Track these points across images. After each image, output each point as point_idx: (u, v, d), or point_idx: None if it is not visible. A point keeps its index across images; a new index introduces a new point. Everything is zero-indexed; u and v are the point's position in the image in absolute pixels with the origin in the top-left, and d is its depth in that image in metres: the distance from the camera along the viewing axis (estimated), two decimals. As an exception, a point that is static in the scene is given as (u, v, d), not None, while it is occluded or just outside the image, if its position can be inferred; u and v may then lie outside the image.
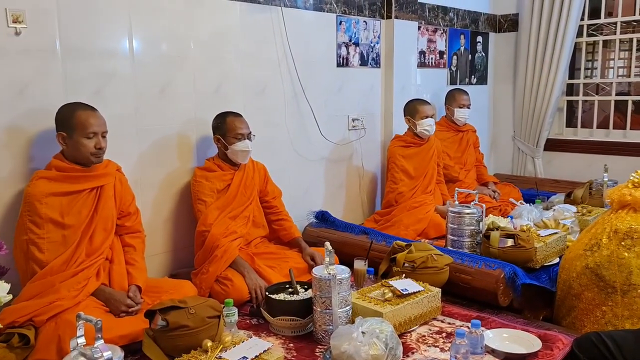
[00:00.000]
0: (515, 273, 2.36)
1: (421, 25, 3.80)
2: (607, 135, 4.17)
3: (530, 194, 3.82)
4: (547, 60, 4.11)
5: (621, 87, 4.30)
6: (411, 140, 3.41)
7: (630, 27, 4.12)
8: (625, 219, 2.29)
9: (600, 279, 2.30)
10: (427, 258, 2.36)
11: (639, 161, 3.71)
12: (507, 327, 2.08)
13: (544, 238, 2.69)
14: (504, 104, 4.57)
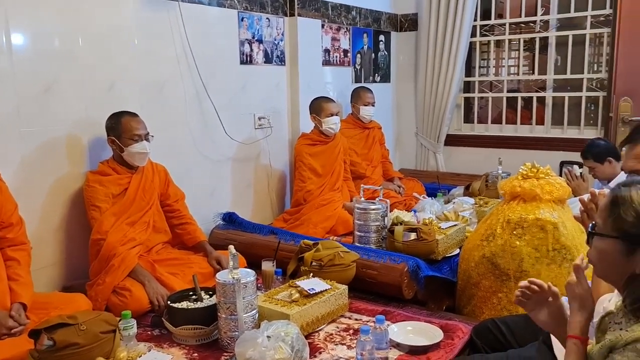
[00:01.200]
0: (419, 266, 2.43)
1: (325, 24, 3.82)
2: (501, 130, 4.43)
3: (432, 188, 3.97)
4: (444, 59, 4.29)
5: (512, 85, 4.58)
6: (317, 138, 3.42)
7: (518, 29, 4.40)
8: (516, 210, 2.43)
9: (496, 267, 2.42)
10: (334, 256, 2.37)
11: (529, 154, 3.95)
12: (411, 320, 2.13)
13: (445, 230, 2.80)
14: (407, 102, 4.72)
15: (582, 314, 1.23)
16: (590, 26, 3.88)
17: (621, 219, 1.11)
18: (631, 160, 1.60)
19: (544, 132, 4.21)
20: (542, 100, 4.23)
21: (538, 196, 2.40)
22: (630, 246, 1.10)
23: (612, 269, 1.15)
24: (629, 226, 1.09)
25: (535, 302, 1.32)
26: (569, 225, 2.32)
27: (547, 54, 4.13)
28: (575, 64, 4.01)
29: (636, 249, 1.09)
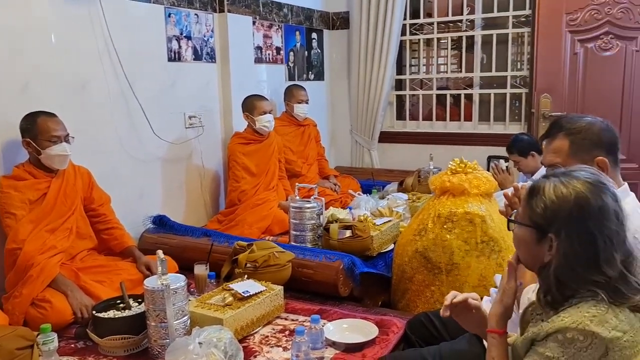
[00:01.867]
0: (354, 263, 2.44)
1: (256, 21, 3.77)
2: (432, 126, 4.54)
3: (367, 185, 4.01)
4: (376, 57, 4.34)
5: (441, 82, 4.70)
6: (251, 137, 3.36)
7: (446, 28, 4.52)
8: (446, 204, 2.48)
9: (428, 261, 2.47)
10: (268, 256, 2.33)
11: (459, 149, 4.07)
12: (347, 317, 2.14)
13: (380, 226, 2.82)
14: (341, 99, 4.74)
15: (501, 307, 1.26)
16: (512, 26, 4.04)
17: (532, 208, 1.15)
18: (549, 155, 1.66)
19: (472, 128, 4.35)
20: (469, 97, 4.37)
21: (466, 190, 2.47)
22: (540, 235, 1.14)
23: (529, 256, 1.19)
24: (538, 217, 1.13)
25: (459, 310, 1.36)
26: (495, 217, 2.40)
27: (474, 52, 4.27)
28: (500, 62, 4.17)
29: (543, 238, 1.13)
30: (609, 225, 1.08)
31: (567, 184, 1.12)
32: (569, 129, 1.63)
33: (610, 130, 1.62)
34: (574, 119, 1.65)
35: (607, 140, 1.60)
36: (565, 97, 3.61)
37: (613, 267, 1.08)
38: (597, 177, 1.14)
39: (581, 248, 1.08)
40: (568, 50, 3.58)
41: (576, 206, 1.08)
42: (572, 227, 1.08)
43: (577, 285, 1.09)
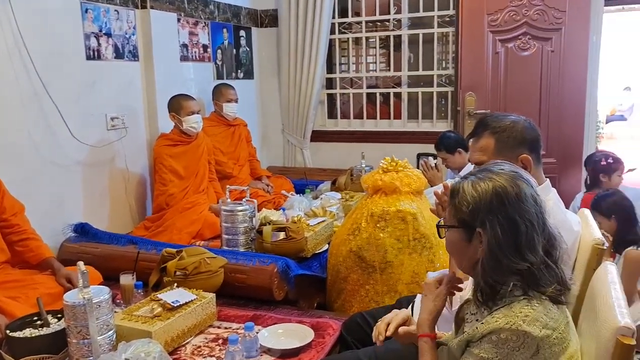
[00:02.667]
0: (288, 266, 2.40)
1: (181, 18, 3.64)
2: (363, 125, 4.58)
3: (301, 184, 3.98)
4: (306, 56, 4.32)
5: (371, 81, 4.75)
6: (178, 138, 3.24)
7: (374, 27, 4.57)
8: (379, 203, 2.50)
9: (362, 260, 2.47)
10: (199, 263, 2.25)
11: (390, 147, 4.12)
12: (282, 322, 2.09)
13: (313, 227, 2.80)
14: (272, 98, 4.68)
15: (432, 312, 1.29)
16: (437, 26, 4.14)
17: (457, 208, 1.18)
18: (476, 153, 1.70)
19: (402, 126, 4.43)
20: (398, 95, 4.44)
21: (398, 189, 2.49)
22: (468, 233, 1.16)
23: (464, 258, 1.20)
24: (464, 214, 1.16)
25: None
26: (426, 214, 2.44)
27: (401, 51, 4.34)
28: (426, 61, 4.27)
29: (472, 235, 1.15)
30: (528, 209, 1.12)
31: (484, 178, 1.16)
32: (494, 128, 1.67)
33: (533, 129, 1.67)
34: (499, 118, 1.69)
35: (530, 138, 1.65)
36: (488, 95, 3.74)
37: (535, 251, 1.11)
38: (511, 167, 1.20)
39: (505, 236, 1.11)
40: (490, 49, 3.71)
41: (495, 196, 1.12)
42: (494, 217, 1.12)
43: (504, 276, 1.11)
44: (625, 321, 1.00)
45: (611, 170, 3.27)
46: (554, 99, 3.67)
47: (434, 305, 1.29)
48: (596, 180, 3.30)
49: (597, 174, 3.29)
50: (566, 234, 1.51)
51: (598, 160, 3.32)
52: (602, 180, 3.27)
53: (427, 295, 1.32)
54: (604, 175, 3.28)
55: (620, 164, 3.34)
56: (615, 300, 1.09)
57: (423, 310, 1.30)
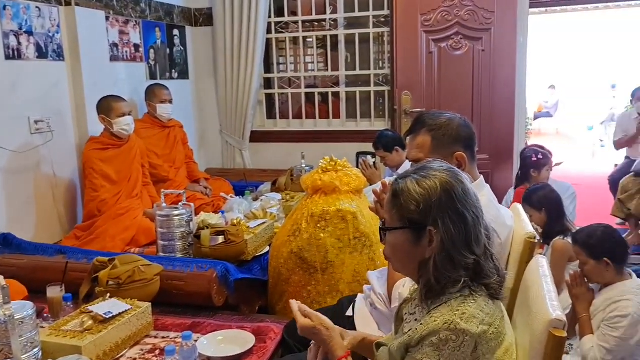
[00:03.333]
0: (228, 270, 2.34)
1: (110, 16, 3.48)
2: (302, 124, 4.56)
3: (240, 186, 3.91)
4: (243, 55, 4.25)
5: (309, 81, 4.74)
6: (109, 141, 3.10)
7: (312, 26, 4.56)
8: (319, 203, 2.48)
9: (304, 261, 2.45)
10: (133, 271, 2.15)
11: (329, 146, 4.12)
12: (222, 329, 2.04)
13: (254, 229, 2.75)
14: (208, 99, 4.58)
15: (335, 336, 1.32)
16: (373, 26, 4.18)
17: (404, 209, 1.16)
18: (414, 150, 1.71)
19: (341, 126, 4.44)
20: (337, 95, 4.46)
21: (337, 188, 2.48)
22: (416, 233, 1.15)
23: (407, 260, 1.19)
24: (412, 214, 1.14)
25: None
26: (366, 213, 2.45)
27: (338, 51, 4.36)
28: (363, 60, 4.30)
29: (421, 235, 1.14)
30: (472, 203, 1.15)
31: (427, 176, 1.15)
32: (431, 125, 1.69)
33: (467, 126, 1.70)
34: (436, 116, 1.71)
35: (465, 135, 1.68)
36: (423, 94, 3.81)
37: (480, 244, 1.14)
38: (448, 165, 1.21)
39: (457, 231, 1.11)
40: (424, 49, 3.78)
41: (444, 192, 1.13)
42: (445, 213, 1.12)
43: (455, 271, 1.11)
44: (557, 314, 1.03)
45: (541, 165, 3.41)
46: (485, 97, 3.79)
47: (337, 335, 1.33)
48: (527, 175, 3.44)
49: (528, 169, 3.43)
50: (500, 228, 1.55)
51: (529, 156, 3.45)
52: (533, 175, 3.41)
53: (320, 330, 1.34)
54: (535, 171, 3.42)
55: (549, 159, 3.49)
56: (546, 293, 1.12)
57: (334, 337, 1.33)
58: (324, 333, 1.32)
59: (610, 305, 2.05)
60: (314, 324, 1.33)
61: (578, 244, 2.22)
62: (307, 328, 1.34)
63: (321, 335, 1.32)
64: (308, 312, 1.37)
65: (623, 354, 2.03)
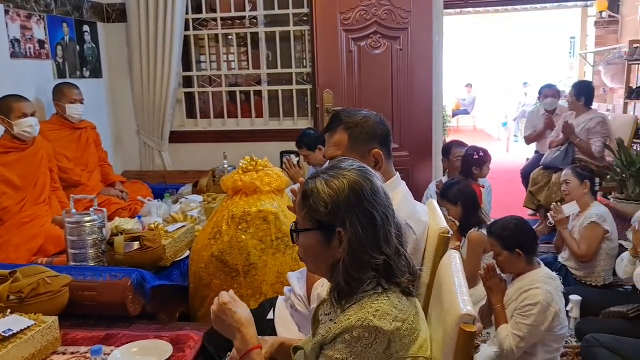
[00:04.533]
0: (144, 277, 2.23)
1: (10, 10, 3.23)
2: (224, 124, 4.46)
3: (160, 189, 3.77)
4: (159, 53, 4.09)
5: (231, 79, 4.64)
6: (10, 144, 2.87)
7: (232, 24, 4.46)
8: (240, 204, 2.43)
9: (225, 264, 2.39)
10: (38, 284, 2.00)
11: (253, 146, 4.06)
12: (138, 339, 1.94)
13: (172, 233, 2.65)
14: (124, 98, 4.37)
15: (247, 328, 1.24)
16: (293, 24, 4.16)
17: (313, 210, 1.14)
18: (331, 148, 1.70)
19: (264, 125, 4.39)
20: (259, 93, 4.39)
21: (259, 189, 2.44)
22: (327, 235, 1.13)
23: (319, 261, 1.18)
24: (322, 215, 1.12)
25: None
26: (288, 213, 2.42)
27: (259, 49, 4.30)
28: (285, 59, 4.26)
29: (332, 236, 1.12)
30: (382, 202, 1.13)
31: (336, 176, 1.14)
32: (347, 123, 1.68)
33: (383, 124, 1.70)
34: (352, 113, 1.71)
35: (381, 133, 1.68)
36: (345, 93, 3.84)
37: (390, 243, 1.13)
38: (358, 163, 1.19)
39: (365, 232, 1.10)
40: (344, 48, 3.80)
41: (352, 192, 1.11)
42: (354, 214, 1.10)
43: (364, 272, 1.10)
44: (467, 309, 1.04)
45: (482, 162, 3.58)
46: (404, 95, 3.87)
47: (250, 324, 1.25)
48: (469, 172, 3.58)
49: (470, 166, 3.57)
50: (416, 224, 1.57)
51: (471, 155, 3.61)
52: (475, 172, 3.57)
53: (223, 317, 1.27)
54: (476, 168, 3.57)
55: (489, 157, 3.68)
56: (458, 288, 1.14)
57: (245, 328, 1.25)
58: (234, 317, 1.23)
59: (522, 295, 2.14)
60: (225, 304, 1.25)
61: (492, 236, 2.30)
62: (216, 311, 1.26)
63: (230, 319, 1.24)
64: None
65: (535, 340, 2.12)
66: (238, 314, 1.24)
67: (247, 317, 1.25)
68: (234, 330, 1.24)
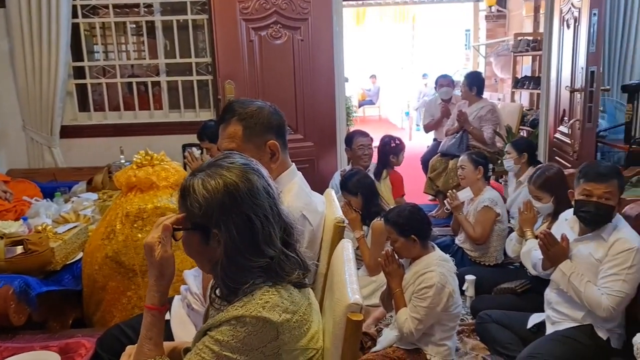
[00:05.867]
0: (28, 284, 2.08)
1: None
2: (120, 117, 4.23)
3: (50, 188, 3.52)
4: (45, 41, 3.79)
5: (127, 70, 4.41)
6: None
7: (125, 12, 4.23)
8: (134, 201, 2.32)
9: (121, 265, 2.28)
10: None
11: (152, 139, 3.89)
12: (23, 351, 1.80)
13: (62, 235, 2.48)
14: (6, 90, 4.00)
15: (162, 282, 1.15)
16: (191, 12, 4.02)
17: (189, 211, 1.10)
18: (225, 141, 1.64)
19: (164, 117, 4.22)
20: (158, 84, 4.21)
21: (155, 184, 2.35)
22: (205, 234, 1.10)
23: (202, 260, 1.15)
24: (196, 217, 1.09)
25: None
26: (187, 208, 2.34)
27: (156, 38, 4.11)
28: (184, 48, 4.11)
29: (210, 236, 1.09)
30: (261, 204, 1.10)
31: (213, 175, 1.10)
32: (241, 114, 1.63)
33: (277, 114, 1.67)
34: (245, 104, 1.66)
35: (276, 123, 1.64)
36: (247, 83, 3.77)
37: (273, 245, 1.10)
38: (242, 159, 1.15)
39: (241, 235, 1.07)
40: (244, 38, 3.73)
41: (227, 194, 1.07)
42: (228, 217, 1.07)
43: (244, 276, 1.08)
44: (355, 298, 1.05)
45: (399, 150, 3.66)
46: (307, 86, 3.88)
47: (163, 276, 1.14)
48: (386, 161, 3.64)
49: (387, 155, 3.63)
50: (312, 215, 1.57)
51: (388, 143, 3.67)
52: (392, 160, 3.64)
53: (153, 265, 1.14)
54: (393, 156, 3.65)
55: (404, 145, 3.79)
56: (348, 277, 1.15)
57: (151, 282, 1.15)
58: (159, 272, 1.12)
59: (418, 278, 2.22)
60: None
61: (389, 223, 2.36)
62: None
63: (160, 269, 1.12)
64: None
65: (432, 321, 2.22)
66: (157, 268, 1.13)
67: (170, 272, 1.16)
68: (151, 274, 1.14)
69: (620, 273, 2.04)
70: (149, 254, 1.14)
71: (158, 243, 1.12)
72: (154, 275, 1.15)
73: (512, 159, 3.58)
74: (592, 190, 2.11)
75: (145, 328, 1.15)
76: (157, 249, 1.12)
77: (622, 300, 2.04)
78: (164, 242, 1.12)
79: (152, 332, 1.14)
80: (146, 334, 1.15)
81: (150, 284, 1.16)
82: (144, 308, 1.16)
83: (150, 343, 1.14)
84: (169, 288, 1.17)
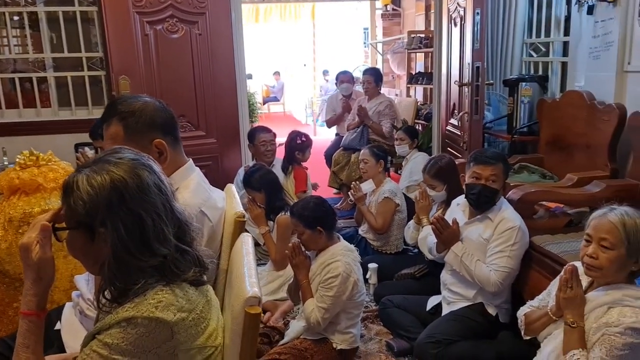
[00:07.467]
0: None
1: None
2: (2, 116, 3.90)
3: None
4: None
5: (7, 65, 4.06)
6: None
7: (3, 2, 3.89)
8: (18, 205, 2.16)
9: (5, 274, 2.11)
10: None
11: (41, 139, 3.63)
12: None
13: None
14: None
15: (39, 286, 1.09)
16: (79, 4, 3.79)
17: (72, 209, 1.04)
18: (107, 142, 1.50)
19: (53, 115, 3.94)
20: (45, 80, 3.93)
21: (42, 186, 2.20)
22: (89, 233, 1.04)
23: (88, 260, 1.09)
24: (80, 215, 1.03)
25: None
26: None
27: (41, 31, 3.83)
28: (72, 42, 3.87)
29: (96, 235, 1.03)
30: (152, 201, 1.05)
31: (100, 171, 1.04)
32: (122, 113, 1.50)
33: (164, 110, 1.56)
34: (129, 101, 1.54)
35: (161, 121, 1.54)
36: (143, 79, 3.62)
37: (166, 243, 1.06)
38: (132, 154, 1.10)
39: (130, 234, 1.02)
40: (139, 31, 3.57)
41: (114, 191, 1.02)
42: (115, 215, 1.02)
43: (135, 275, 1.04)
44: (253, 290, 1.04)
45: (305, 147, 3.66)
46: (207, 81, 3.80)
47: (41, 280, 1.08)
48: (292, 157, 3.62)
49: (293, 151, 3.61)
50: (211, 211, 1.54)
51: (294, 139, 3.65)
52: (298, 157, 3.63)
53: (30, 267, 1.08)
54: (299, 152, 3.63)
55: (311, 142, 3.79)
56: (247, 270, 1.14)
57: (27, 286, 1.09)
58: (36, 276, 1.06)
59: (325, 269, 2.26)
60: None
61: (295, 216, 2.39)
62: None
63: (37, 273, 1.06)
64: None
65: (338, 310, 2.27)
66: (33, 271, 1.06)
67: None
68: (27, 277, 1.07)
69: (505, 250, 2.22)
70: (24, 256, 1.07)
71: (36, 243, 1.06)
72: (31, 278, 1.08)
73: (407, 145, 4.02)
74: (480, 173, 2.28)
75: (22, 336, 1.07)
76: (34, 250, 1.06)
77: (507, 275, 2.22)
78: (42, 243, 1.06)
79: (30, 339, 1.07)
80: (23, 342, 1.07)
81: (26, 288, 1.09)
82: (20, 314, 1.08)
83: (28, 351, 1.07)
84: (47, 292, 1.11)
